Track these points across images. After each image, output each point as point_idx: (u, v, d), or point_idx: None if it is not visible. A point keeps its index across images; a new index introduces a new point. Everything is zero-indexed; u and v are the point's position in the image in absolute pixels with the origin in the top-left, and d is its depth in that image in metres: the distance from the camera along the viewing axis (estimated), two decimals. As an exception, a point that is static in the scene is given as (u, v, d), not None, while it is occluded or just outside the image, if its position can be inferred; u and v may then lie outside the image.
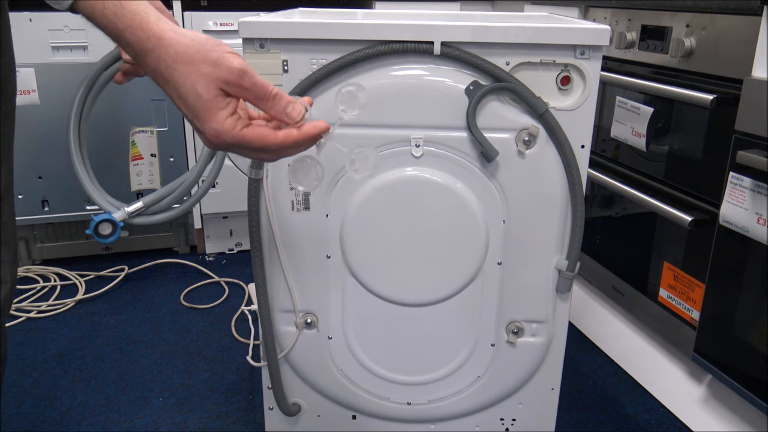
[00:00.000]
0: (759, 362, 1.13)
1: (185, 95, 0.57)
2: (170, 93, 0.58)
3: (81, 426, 1.31)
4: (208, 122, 0.57)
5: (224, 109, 0.57)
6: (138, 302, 1.82)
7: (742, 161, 1.09)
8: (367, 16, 1.19)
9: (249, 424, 1.32)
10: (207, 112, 0.57)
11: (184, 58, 0.56)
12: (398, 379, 1.10)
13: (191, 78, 0.56)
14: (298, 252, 1.03)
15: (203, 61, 0.56)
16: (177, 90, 0.57)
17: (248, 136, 0.59)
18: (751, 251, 1.13)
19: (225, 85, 0.57)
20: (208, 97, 0.57)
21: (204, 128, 0.58)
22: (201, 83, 0.56)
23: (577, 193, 0.97)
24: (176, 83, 0.57)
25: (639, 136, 1.41)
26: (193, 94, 0.57)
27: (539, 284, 1.03)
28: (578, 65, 0.93)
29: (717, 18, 1.21)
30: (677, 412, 1.37)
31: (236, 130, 0.58)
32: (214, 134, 0.58)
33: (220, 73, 0.56)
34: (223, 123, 0.57)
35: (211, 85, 0.56)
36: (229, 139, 0.58)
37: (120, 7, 0.56)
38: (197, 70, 0.56)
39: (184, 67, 0.56)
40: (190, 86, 0.56)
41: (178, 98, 0.58)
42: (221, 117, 0.57)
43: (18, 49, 1.76)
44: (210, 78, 0.56)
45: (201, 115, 0.57)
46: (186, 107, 0.58)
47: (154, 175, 1.93)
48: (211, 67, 0.56)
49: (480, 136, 0.93)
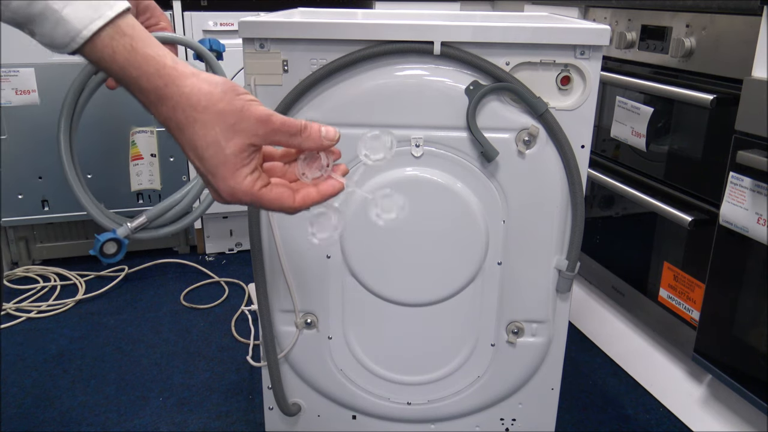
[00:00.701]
0: (759, 362, 1.13)
1: (205, 147, 0.51)
2: (183, 143, 0.52)
3: (81, 426, 1.31)
4: (226, 180, 0.52)
5: (246, 166, 0.53)
6: (138, 302, 1.82)
7: (742, 161, 1.09)
8: (367, 16, 1.19)
9: (249, 424, 1.32)
10: (227, 168, 0.52)
11: (207, 106, 0.51)
12: (398, 379, 1.10)
13: (214, 130, 0.51)
14: (298, 252, 1.03)
15: (229, 111, 0.51)
16: (194, 142, 0.52)
17: (266, 198, 0.54)
18: (751, 251, 1.13)
19: (254, 137, 0.52)
20: (232, 152, 0.52)
21: (219, 185, 0.53)
22: (226, 135, 0.51)
23: (577, 193, 0.97)
24: (195, 134, 0.51)
25: (639, 136, 1.41)
26: (215, 147, 0.51)
27: (539, 284, 1.03)
28: (578, 65, 0.93)
29: (717, 18, 1.21)
30: (677, 412, 1.37)
31: (255, 189, 0.53)
32: (230, 193, 0.53)
33: (246, 122, 0.51)
34: (242, 182, 0.53)
35: (236, 138, 0.51)
36: (246, 198, 0.54)
37: (132, 51, 0.50)
38: (223, 121, 0.51)
39: (206, 116, 0.51)
40: (212, 138, 0.51)
41: (193, 150, 0.52)
42: (241, 175, 0.53)
43: (18, 49, 1.78)
44: (236, 129, 0.51)
45: (219, 172, 0.52)
46: (201, 160, 0.52)
47: (154, 175, 1.92)
48: (236, 117, 0.51)
49: (480, 136, 0.93)
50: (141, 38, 0.51)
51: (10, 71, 1.76)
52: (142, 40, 0.51)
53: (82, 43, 0.49)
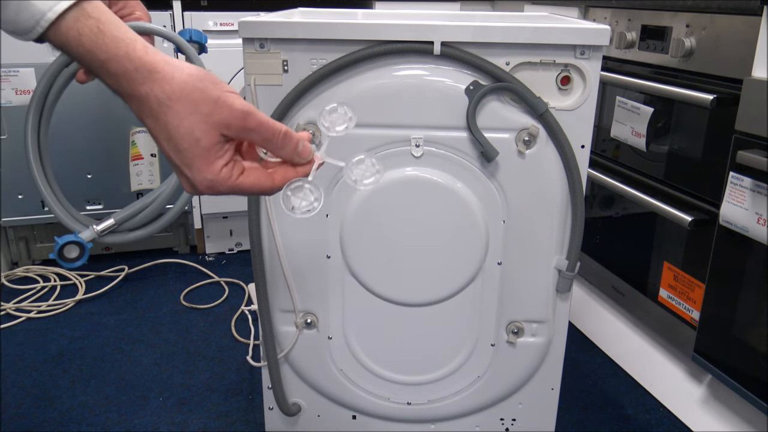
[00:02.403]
0: (759, 362, 1.13)
1: (178, 138, 0.49)
2: (156, 133, 0.50)
3: (81, 426, 1.31)
4: (202, 172, 0.51)
5: (222, 157, 0.51)
6: (138, 302, 1.82)
7: (742, 161, 1.09)
8: (367, 16, 1.19)
9: (249, 424, 1.32)
10: (203, 160, 0.50)
11: (180, 95, 0.49)
12: (398, 379, 1.10)
13: (189, 120, 0.49)
14: (298, 252, 1.03)
15: (203, 101, 0.49)
16: (168, 131, 0.49)
17: (245, 184, 0.53)
18: (751, 251, 1.13)
19: (226, 129, 0.50)
20: (207, 144, 0.50)
21: (195, 178, 0.51)
22: (200, 127, 0.49)
23: (577, 193, 0.97)
24: (168, 124, 0.49)
25: (639, 136, 1.41)
26: (189, 138, 0.49)
27: (539, 284, 1.03)
28: (578, 65, 0.93)
29: (717, 18, 1.21)
30: (677, 412, 1.37)
31: (232, 180, 0.52)
32: (207, 185, 0.52)
33: (221, 115, 0.50)
34: (219, 174, 0.51)
35: (211, 129, 0.50)
36: (224, 189, 0.52)
37: (99, 33, 0.48)
38: (197, 111, 0.49)
39: (180, 105, 0.49)
40: (186, 129, 0.49)
41: (167, 140, 0.50)
42: (218, 167, 0.51)
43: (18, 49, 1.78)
44: (210, 121, 0.49)
45: (195, 164, 0.50)
46: (175, 151, 0.50)
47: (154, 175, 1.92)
48: (211, 107, 0.49)
49: (480, 136, 0.93)
50: (109, 21, 0.48)
51: (10, 71, 1.76)
52: (111, 22, 0.48)
53: (46, 27, 0.47)
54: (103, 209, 1.97)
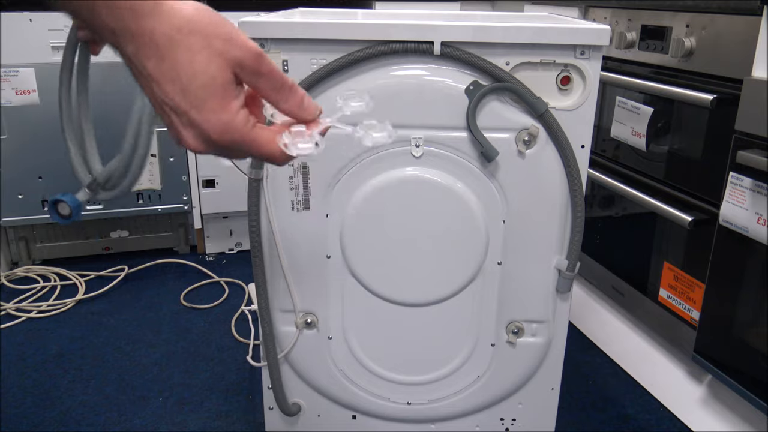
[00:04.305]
0: (759, 362, 1.13)
1: (190, 76, 0.44)
2: (160, 75, 0.44)
3: (81, 426, 1.31)
4: (217, 113, 0.45)
5: (237, 98, 0.46)
6: (138, 302, 1.82)
7: (742, 161, 1.09)
8: (367, 16, 1.19)
9: (249, 424, 1.32)
10: (218, 100, 0.45)
11: (192, 29, 0.43)
12: (398, 379, 1.10)
13: (202, 55, 0.44)
14: (298, 252, 1.03)
15: (216, 35, 0.44)
16: (176, 70, 0.44)
17: (260, 138, 0.48)
18: (751, 251, 1.13)
19: (240, 69, 0.45)
20: (223, 82, 0.45)
21: (208, 121, 0.45)
22: (216, 62, 0.44)
23: (577, 193, 0.97)
24: (177, 61, 0.44)
25: (639, 136, 1.41)
26: (203, 76, 0.44)
27: (539, 284, 1.03)
28: (578, 65, 0.93)
29: (717, 18, 1.21)
30: (677, 412, 1.37)
31: (248, 127, 0.47)
32: (221, 129, 0.46)
33: (236, 51, 0.45)
34: (236, 116, 0.46)
35: (226, 66, 0.45)
36: (237, 136, 0.46)
37: None
38: (210, 45, 0.44)
39: (192, 40, 0.43)
40: (200, 65, 0.44)
41: (175, 80, 0.44)
42: (234, 108, 0.46)
43: (18, 49, 1.78)
44: (225, 57, 0.44)
45: (208, 104, 0.45)
46: (184, 93, 0.45)
47: (154, 175, 1.93)
48: (224, 42, 0.44)
49: (480, 136, 0.93)
50: None
51: (10, 71, 1.76)
52: None
53: None
54: (103, 209, 1.97)
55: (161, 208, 2.02)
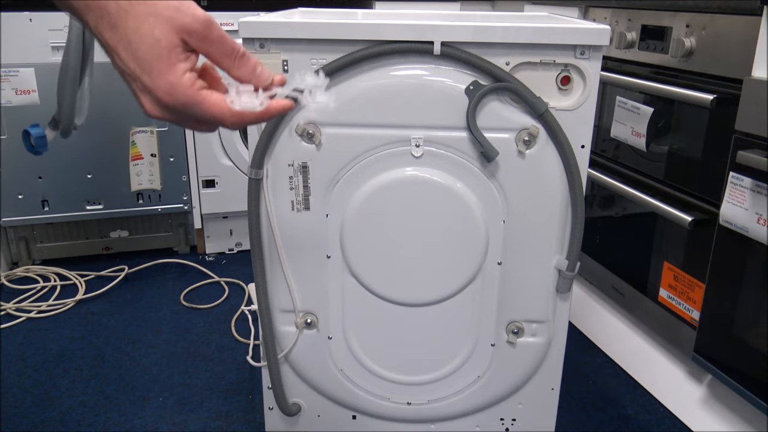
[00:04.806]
0: (759, 362, 1.13)
1: (138, 41, 0.47)
2: (115, 44, 0.48)
3: (81, 426, 1.31)
4: (163, 75, 0.48)
5: (184, 62, 0.49)
6: (138, 302, 1.82)
7: (742, 161, 1.09)
8: (367, 16, 1.19)
9: (249, 424, 1.32)
10: (163, 62, 0.48)
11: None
12: (398, 379, 1.10)
13: (149, 21, 0.47)
14: (298, 252, 1.03)
15: (164, 6, 0.48)
16: (127, 36, 0.47)
17: (207, 100, 0.50)
18: (751, 251, 1.13)
19: (188, 35, 0.49)
20: (168, 45, 0.48)
21: (155, 83, 0.49)
22: (161, 27, 0.47)
23: (577, 193, 0.97)
24: (128, 28, 0.47)
25: (639, 136, 1.41)
26: (149, 39, 0.47)
27: (539, 284, 1.03)
28: (578, 65, 0.93)
29: (717, 18, 1.21)
30: (677, 412, 1.37)
31: (194, 88, 0.50)
32: (167, 90, 0.49)
33: (183, 19, 0.48)
34: (182, 78, 0.49)
35: (172, 31, 0.48)
36: (183, 97, 0.49)
37: None
38: (156, 13, 0.47)
39: (141, 8, 0.47)
40: (146, 30, 0.47)
41: (127, 47, 0.48)
42: (180, 70, 0.49)
43: (18, 49, 1.78)
44: (172, 24, 0.48)
45: (155, 67, 0.48)
46: (135, 58, 0.48)
47: (154, 175, 1.93)
48: (172, 11, 0.48)
49: (480, 136, 0.93)
50: None
51: (10, 71, 1.76)
52: None
53: None
54: (103, 209, 1.97)
55: (161, 208, 2.02)
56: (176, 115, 0.52)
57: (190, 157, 1.99)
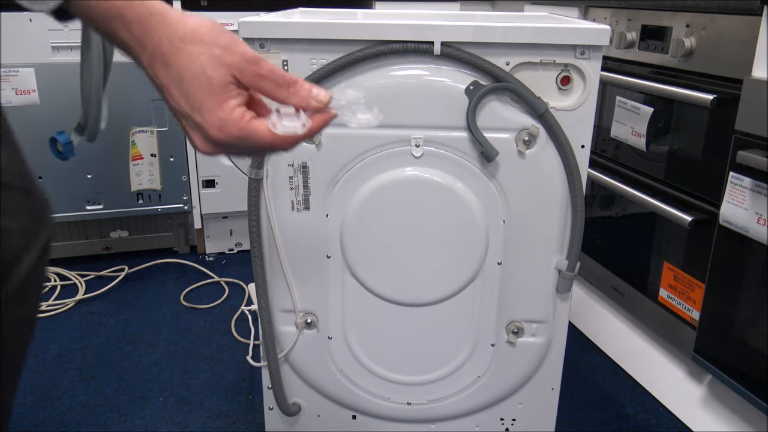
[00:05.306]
0: (759, 362, 1.13)
1: (190, 79, 0.49)
2: (167, 81, 0.50)
3: (81, 426, 1.31)
4: (214, 111, 0.50)
5: (234, 98, 0.51)
6: (138, 302, 1.82)
7: (742, 161, 1.09)
8: (367, 16, 1.19)
9: (249, 424, 1.32)
10: (215, 99, 0.50)
11: (192, 37, 0.49)
12: (398, 379, 1.10)
13: (201, 59, 0.49)
14: (298, 252, 1.03)
15: (214, 43, 0.49)
16: (180, 74, 0.49)
17: (259, 129, 0.51)
18: (751, 251, 1.13)
19: (239, 72, 0.50)
20: (219, 82, 0.50)
21: (206, 120, 0.50)
22: (212, 65, 0.49)
23: (577, 193, 0.97)
24: (180, 66, 0.49)
25: (639, 136, 1.41)
26: (201, 77, 0.49)
27: (539, 284, 1.03)
28: (578, 65, 0.93)
29: (717, 18, 1.21)
30: (677, 412, 1.37)
31: (245, 120, 0.51)
32: (218, 125, 0.50)
33: (233, 58, 0.50)
34: (232, 113, 0.50)
35: (223, 69, 0.49)
36: (235, 131, 0.51)
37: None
38: (208, 51, 0.49)
39: (192, 47, 0.49)
40: (198, 68, 0.49)
41: (179, 85, 0.50)
42: (230, 106, 0.50)
43: (18, 49, 1.78)
44: (223, 62, 0.49)
45: (207, 103, 0.50)
46: (187, 96, 0.50)
47: (154, 175, 1.93)
48: (222, 50, 0.49)
49: (480, 136, 0.93)
50: None
51: (10, 71, 1.76)
52: None
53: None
54: (103, 209, 1.97)
55: (161, 208, 2.02)
56: (229, 150, 0.53)
57: (190, 157, 1.99)
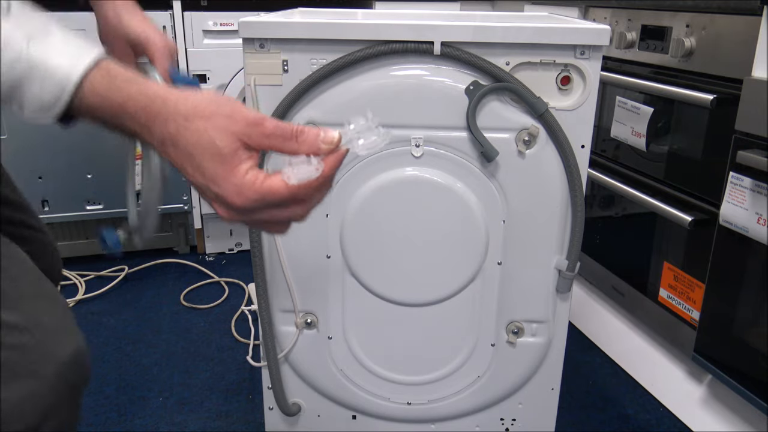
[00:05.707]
0: (759, 362, 1.13)
1: (201, 154, 0.50)
2: (181, 160, 0.51)
3: (81, 426, 1.30)
4: (228, 179, 0.50)
5: (245, 163, 0.51)
6: (138, 302, 1.82)
7: (742, 161, 1.09)
8: (367, 16, 1.19)
9: (249, 424, 1.32)
10: (226, 167, 0.50)
11: (195, 113, 0.50)
12: (398, 379, 1.10)
13: (208, 133, 0.50)
14: (298, 252, 1.03)
15: (218, 114, 0.51)
16: (190, 151, 0.50)
17: (274, 186, 0.51)
18: (751, 251, 1.13)
19: (246, 137, 0.51)
20: (229, 151, 0.50)
21: (222, 189, 0.51)
22: (219, 137, 0.50)
23: (577, 193, 0.97)
24: (188, 143, 0.50)
25: (639, 136, 1.41)
26: (212, 149, 0.50)
27: (539, 284, 1.03)
28: (578, 65, 0.93)
29: (717, 18, 1.21)
30: (677, 412, 1.37)
31: (259, 182, 0.51)
32: (235, 192, 0.51)
33: (238, 125, 0.51)
34: (245, 177, 0.51)
35: (230, 137, 0.50)
36: (252, 194, 0.51)
37: (111, 80, 0.51)
38: (213, 124, 0.50)
39: (198, 123, 0.50)
40: (207, 141, 0.50)
41: (191, 161, 0.51)
42: (242, 171, 0.51)
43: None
44: (229, 131, 0.50)
45: (220, 173, 0.50)
46: (201, 169, 0.51)
47: (154, 175, 1.92)
48: (226, 119, 0.51)
49: (480, 136, 0.93)
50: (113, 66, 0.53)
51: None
52: (115, 67, 0.53)
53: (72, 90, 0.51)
54: (103, 209, 1.97)
55: (161, 208, 2.02)
56: (252, 215, 0.53)
57: (190, 157, 1.99)
